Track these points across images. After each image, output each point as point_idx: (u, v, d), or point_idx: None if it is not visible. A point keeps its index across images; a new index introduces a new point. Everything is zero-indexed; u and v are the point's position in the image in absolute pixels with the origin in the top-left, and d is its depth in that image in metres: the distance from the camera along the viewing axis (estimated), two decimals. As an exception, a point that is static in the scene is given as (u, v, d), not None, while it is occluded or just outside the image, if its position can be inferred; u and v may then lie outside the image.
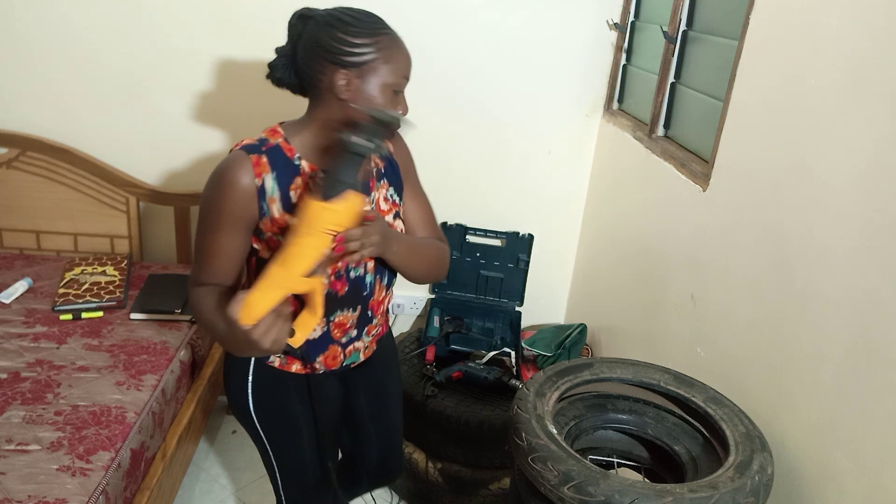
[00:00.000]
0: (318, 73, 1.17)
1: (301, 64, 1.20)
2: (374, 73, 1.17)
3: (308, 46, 1.18)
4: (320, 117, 1.21)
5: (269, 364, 1.35)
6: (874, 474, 1.04)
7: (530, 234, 2.46)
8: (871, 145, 1.07)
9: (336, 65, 1.15)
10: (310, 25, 1.18)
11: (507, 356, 2.20)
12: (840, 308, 1.13)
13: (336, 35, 1.15)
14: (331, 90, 1.17)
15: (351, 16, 1.17)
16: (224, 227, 1.19)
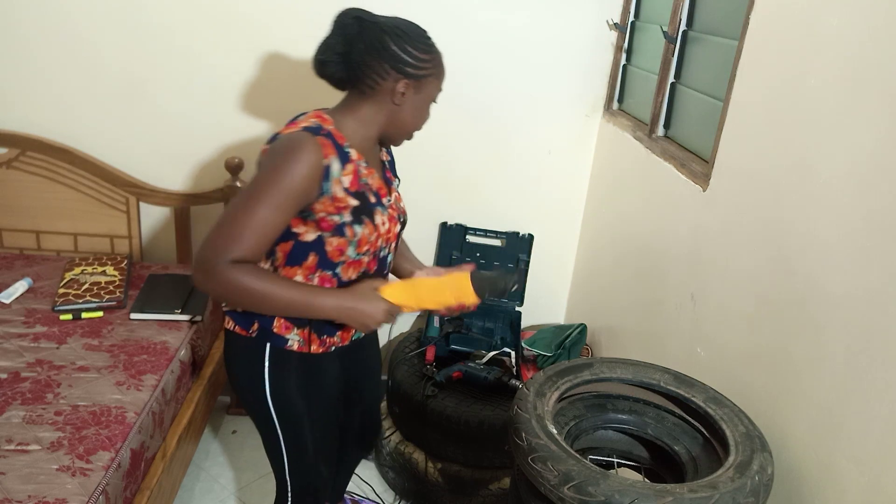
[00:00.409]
0: (378, 77, 1.26)
1: (358, 63, 1.26)
2: (427, 87, 1.31)
3: (372, 50, 1.24)
4: (366, 113, 1.31)
5: (288, 348, 1.38)
6: (874, 474, 1.04)
7: (530, 234, 2.46)
8: (870, 145, 1.07)
9: (400, 73, 1.26)
10: (373, 30, 1.25)
11: (507, 356, 2.20)
12: (840, 308, 1.13)
13: (405, 47, 1.25)
14: (386, 94, 1.28)
15: (416, 31, 1.28)
16: (282, 202, 1.20)
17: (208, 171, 2.37)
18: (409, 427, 2.14)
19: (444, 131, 2.37)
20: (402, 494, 2.21)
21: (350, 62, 1.27)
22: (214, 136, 2.33)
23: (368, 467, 2.34)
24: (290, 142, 1.22)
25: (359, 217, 1.30)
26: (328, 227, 1.27)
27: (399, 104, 1.29)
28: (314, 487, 1.55)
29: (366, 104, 1.30)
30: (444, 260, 2.48)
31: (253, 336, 1.37)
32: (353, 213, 1.29)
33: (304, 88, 2.28)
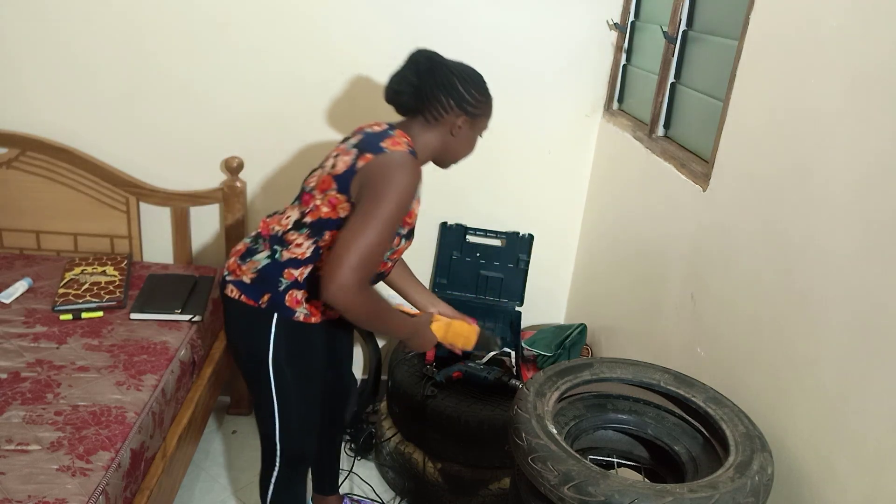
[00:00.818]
0: (444, 110, 1.46)
1: (427, 96, 1.45)
2: (478, 125, 1.54)
3: (442, 87, 1.45)
4: (428, 139, 1.50)
5: (295, 319, 1.50)
6: (874, 474, 1.04)
7: (530, 234, 2.46)
8: (871, 145, 1.07)
9: (461, 110, 1.47)
10: (443, 71, 1.46)
11: (507, 356, 2.20)
12: (840, 308, 1.13)
13: (469, 88, 1.47)
14: (446, 125, 1.48)
15: (474, 75, 1.50)
16: (398, 220, 1.36)
17: (208, 171, 2.37)
18: (409, 427, 2.14)
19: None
20: (402, 494, 2.21)
21: (420, 94, 1.46)
22: (214, 136, 2.33)
23: (368, 467, 2.34)
24: (403, 164, 1.36)
25: (410, 232, 1.54)
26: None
27: (455, 136, 1.50)
28: (303, 454, 1.69)
29: (428, 132, 1.49)
30: (445, 260, 2.48)
31: (262, 307, 1.48)
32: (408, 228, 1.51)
33: (303, 88, 2.29)
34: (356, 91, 2.30)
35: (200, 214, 2.42)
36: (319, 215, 1.43)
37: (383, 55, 2.24)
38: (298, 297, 1.49)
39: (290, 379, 1.55)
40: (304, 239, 1.45)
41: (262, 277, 1.48)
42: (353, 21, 2.22)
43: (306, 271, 1.47)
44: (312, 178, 1.48)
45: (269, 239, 1.50)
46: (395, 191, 1.33)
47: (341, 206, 1.40)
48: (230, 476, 2.28)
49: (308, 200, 1.46)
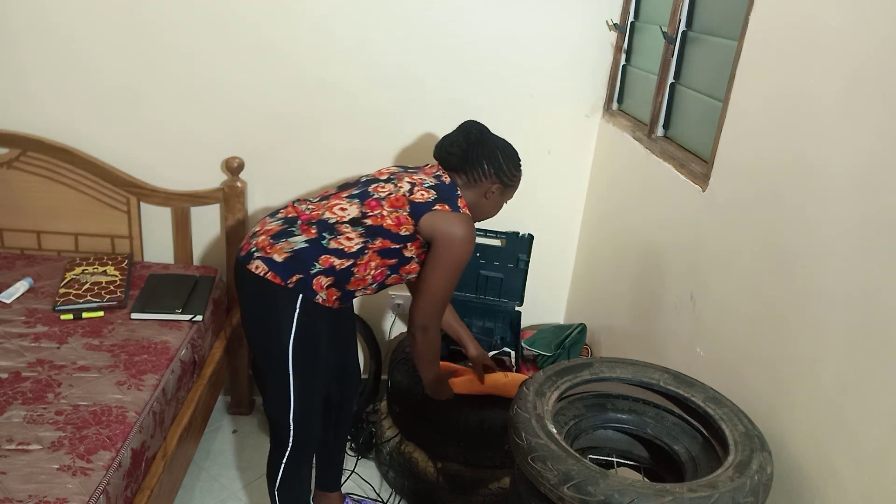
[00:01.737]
0: (483, 175, 1.68)
1: (473, 160, 1.67)
2: (507, 194, 1.75)
3: (486, 156, 1.67)
4: (467, 196, 1.69)
5: (316, 301, 1.60)
6: (874, 474, 1.04)
7: (530, 234, 2.46)
8: (870, 145, 1.08)
9: (498, 179, 1.69)
10: (490, 143, 1.68)
11: (507, 356, 2.20)
12: (840, 308, 1.13)
13: (508, 163, 1.69)
14: (482, 188, 1.69)
15: (514, 153, 1.72)
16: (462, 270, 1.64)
17: (208, 171, 2.37)
18: (409, 427, 2.14)
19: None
20: (402, 494, 2.21)
21: (467, 158, 1.67)
22: (214, 136, 2.34)
23: (368, 467, 2.35)
24: (471, 230, 1.61)
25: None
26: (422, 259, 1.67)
27: (487, 199, 1.71)
28: (312, 436, 1.76)
29: (467, 191, 1.69)
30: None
31: (289, 286, 1.57)
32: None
33: (304, 89, 2.29)
34: (357, 91, 2.30)
35: (201, 214, 2.43)
36: (382, 224, 1.59)
37: (384, 55, 2.26)
38: (323, 283, 1.59)
39: (305, 360, 1.63)
40: (356, 236, 1.58)
41: (296, 258, 1.56)
42: (354, 21, 2.22)
43: (346, 263, 1.58)
44: (382, 189, 1.63)
45: (315, 224, 1.60)
46: (465, 249, 1.61)
47: (405, 227, 1.59)
48: (231, 475, 2.29)
49: (374, 206, 1.60)
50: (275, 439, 1.75)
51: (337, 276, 1.59)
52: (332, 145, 2.37)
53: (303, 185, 2.40)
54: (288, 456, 1.72)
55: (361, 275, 1.61)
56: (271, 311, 1.60)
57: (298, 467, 1.77)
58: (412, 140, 2.37)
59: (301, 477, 1.80)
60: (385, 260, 1.62)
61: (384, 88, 2.29)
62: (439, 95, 2.31)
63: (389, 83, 2.29)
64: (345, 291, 1.63)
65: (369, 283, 1.65)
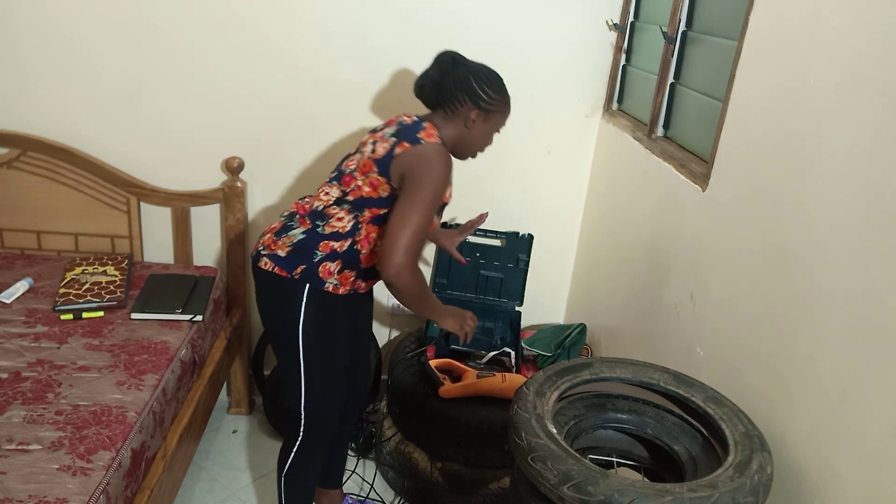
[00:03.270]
0: (459, 104, 1.61)
1: (447, 91, 1.61)
2: (493, 120, 1.65)
3: (458, 83, 1.60)
4: (447, 131, 1.63)
5: (325, 289, 1.62)
6: (874, 474, 1.04)
7: (530, 234, 2.47)
8: (870, 145, 1.08)
9: (475, 105, 1.61)
10: (462, 69, 1.62)
11: (507, 356, 2.20)
12: (840, 308, 1.13)
13: (482, 86, 1.61)
14: (461, 118, 1.62)
15: (491, 75, 1.63)
16: (435, 203, 1.53)
17: (208, 171, 2.37)
18: (409, 427, 2.15)
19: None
20: (402, 494, 2.21)
21: (440, 89, 1.62)
22: (214, 136, 2.34)
23: (368, 467, 2.35)
24: (438, 154, 1.53)
25: (440, 210, 1.68)
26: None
27: (469, 128, 1.63)
28: (324, 426, 1.77)
29: (448, 124, 1.63)
30: (445, 260, 2.48)
31: (296, 278, 1.60)
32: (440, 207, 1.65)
33: (304, 89, 2.29)
34: (357, 91, 2.30)
35: (201, 214, 2.42)
36: (361, 194, 1.57)
37: (384, 55, 2.25)
38: (331, 269, 1.61)
39: (317, 349, 1.66)
40: (345, 213, 1.59)
41: (298, 250, 1.60)
42: (353, 20, 2.22)
43: (346, 244, 1.60)
44: (352, 162, 1.61)
45: (308, 215, 1.63)
46: (434, 178, 1.51)
47: (382, 188, 1.56)
48: (231, 475, 2.29)
49: (349, 181, 1.59)
50: (288, 429, 1.79)
51: (344, 259, 1.61)
52: (333, 145, 2.37)
53: (303, 185, 2.40)
54: (298, 446, 1.75)
55: (368, 249, 1.62)
56: (281, 303, 1.64)
57: (308, 459, 1.79)
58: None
59: (309, 469, 1.83)
60: (381, 227, 1.60)
61: (385, 88, 2.29)
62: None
63: (390, 83, 2.29)
64: (361, 270, 1.64)
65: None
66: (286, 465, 1.78)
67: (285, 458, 1.79)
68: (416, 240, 1.50)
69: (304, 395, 1.70)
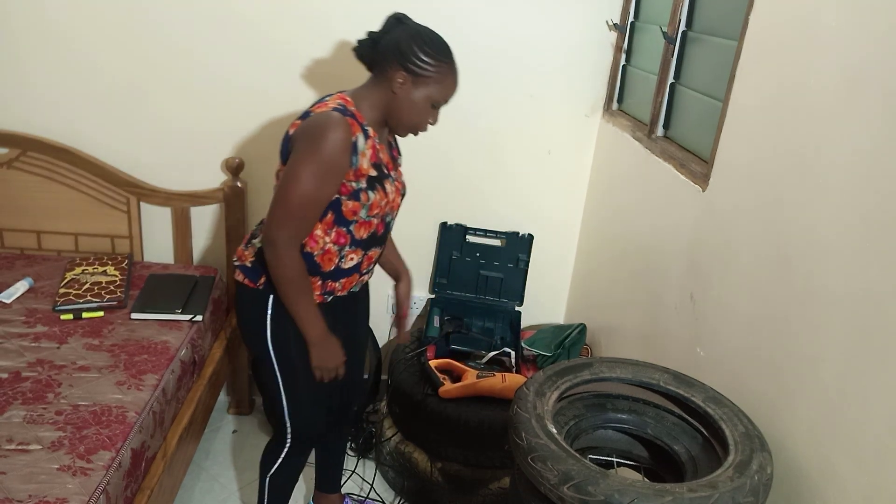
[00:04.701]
0: (388, 65, 1.46)
1: (380, 51, 1.47)
2: (425, 87, 1.48)
3: (391, 42, 1.46)
4: (375, 97, 1.50)
5: None
6: (874, 474, 1.04)
7: (530, 234, 2.47)
8: (870, 145, 1.08)
9: (401, 66, 1.45)
10: (400, 28, 1.47)
11: (507, 356, 2.20)
12: (840, 307, 1.13)
13: (412, 46, 1.44)
14: (388, 80, 1.47)
15: (430, 37, 1.47)
16: (329, 177, 1.42)
17: (208, 171, 2.37)
18: (409, 427, 2.15)
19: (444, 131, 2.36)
20: (402, 494, 2.21)
21: (376, 49, 1.48)
22: (214, 136, 2.34)
23: (368, 467, 2.35)
24: (324, 121, 1.41)
25: (373, 184, 1.50)
26: (346, 192, 1.47)
27: (397, 93, 1.47)
28: (313, 433, 1.75)
29: (376, 89, 1.50)
30: (445, 260, 2.48)
31: (260, 288, 1.56)
32: (368, 182, 1.49)
33: (302, 88, 2.29)
34: (356, 91, 2.30)
35: (201, 214, 2.42)
36: None
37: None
38: None
39: (294, 358, 1.60)
40: None
41: (260, 259, 1.54)
42: (354, 20, 2.21)
43: (306, 251, 1.52)
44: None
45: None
46: (312, 147, 1.40)
47: None
48: (231, 475, 2.29)
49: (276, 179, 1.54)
50: (276, 434, 1.77)
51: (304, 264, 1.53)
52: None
53: (303, 185, 2.40)
54: (286, 452, 1.74)
55: (320, 249, 1.52)
56: (250, 314, 1.60)
57: (295, 460, 1.79)
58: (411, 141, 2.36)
59: (295, 469, 1.82)
60: (324, 221, 1.50)
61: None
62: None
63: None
64: (325, 274, 1.55)
65: (339, 251, 1.53)
66: (272, 468, 1.76)
67: (272, 462, 1.76)
68: (291, 213, 1.42)
69: (287, 406, 1.66)
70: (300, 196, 1.41)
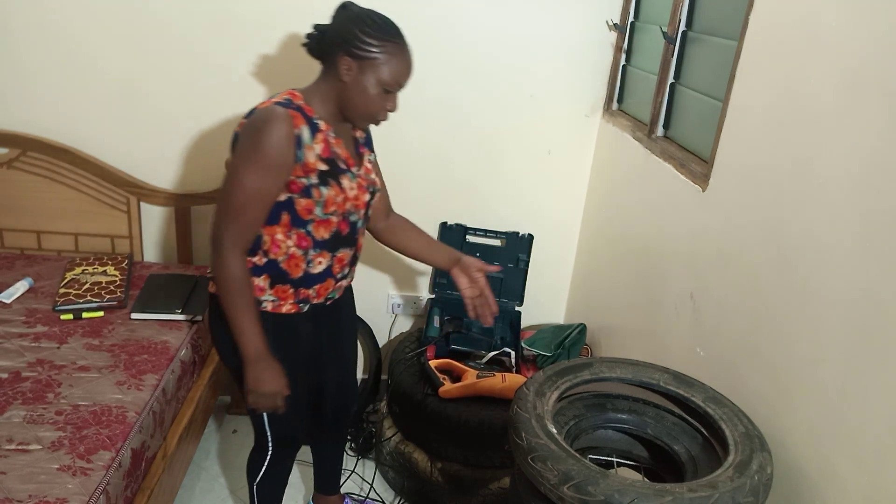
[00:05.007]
0: (333, 54, 1.41)
1: (326, 42, 1.42)
2: (371, 71, 1.40)
3: (334, 30, 1.41)
4: (326, 89, 1.45)
5: (262, 309, 1.50)
6: (874, 474, 1.04)
7: (530, 234, 2.47)
8: (870, 145, 1.08)
9: (345, 52, 1.38)
10: (342, 15, 1.42)
11: (507, 356, 2.20)
12: (839, 307, 1.13)
13: (354, 30, 1.38)
14: (335, 67, 1.41)
15: (373, 19, 1.40)
16: (269, 173, 1.37)
17: (208, 171, 2.37)
18: (409, 427, 2.15)
19: (444, 131, 2.37)
20: (402, 494, 2.21)
21: (323, 41, 1.44)
22: (214, 136, 2.34)
23: (368, 467, 2.35)
24: (264, 116, 1.36)
25: (325, 180, 1.44)
26: (297, 189, 1.41)
27: (346, 81, 1.41)
28: (292, 439, 1.73)
29: (326, 81, 1.45)
30: (444, 260, 2.48)
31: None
32: (319, 177, 1.43)
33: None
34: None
35: (201, 215, 2.42)
36: None
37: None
38: (261, 285, 1.49)
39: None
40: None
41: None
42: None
43: (261, 253, 1.48)
44: None
45: None
46: (251, 143, 1.36)
47: None
48: (231, 475, 2.29)
49: None
50: (256, 443, 1.71)
51: (268, 271, 1.48)
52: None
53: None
54: (269, 460, 1.70)
55: (283, 254, 1.47)
56: (218, 326, 1.53)
57: (280, 467, 1.76)
58: (410, 141, 2.36)
59: (281, 475, 1.80)
60: (281, 224, 1.44)
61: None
62: (438, 95, 2.31)
63: (389, 83, 2.29)
64: (295, 281, 1.49)
65: (304, 255, 1.48)
66: (258, 476, 1.73)
67: (256, 470, 1.73)
68: (232, 212, 1.37)
69: (267, 418, 1.62)
70: (240, 193, 1.36)
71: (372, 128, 2.19)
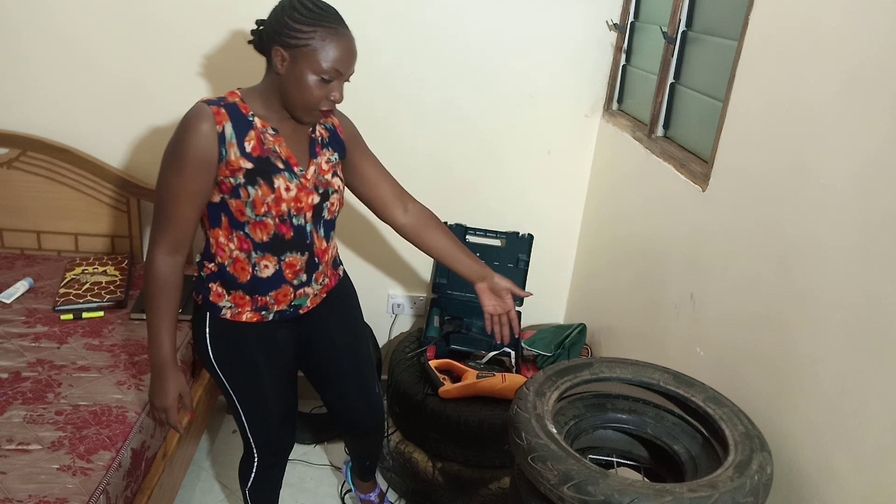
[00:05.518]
0: (268, 48, 1.35)
1: (263, 37, 1.37)
2: (305, 58, 1.32)
3: (268, 22, 1.35)
4: (266, 85, 1.41)
5: (222, 316, 1.50)
6: (874, 474, 1.04)
7: (530, 234, 2.47)
8: (870, 145, 1.08)
9: (276, 42, 1.33)
10: (277, 5, 1.35)
11: (507, 356, 2.20)
12: (839, 308, 1.13)
13: (283, 18, 1.31)
14: (273, 62, 1.36)
15: (303, 5, 1.32)
16: (189, 170, 1.33)
17: (209, 172, 2.37)
18: (410, 427, 2.15)
19: (444, 132, 2.37)
20: (402, 494, 2.21)
21: (262, 35, 1.38)
22: (215, 136, 2.34)
23: (368, 467, 2.35)
24: (183, 117, 1.36)
25: (253, 179, 1.38)
26: (226, 189, 1.38)
27: (281, 73, 1.35)
28: (276, 446, 1.70)
29: (268, 76, 1.40)
30: (444, 260, 2.48)
31: (199, 303, 1.52)
32: (245, 176, 1.37)
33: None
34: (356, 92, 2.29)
35: (201, 214, 2.42)
36: None
37: (384, 56, 2.25)
38: (219, 291, 1.48)
39: (238, 376, 1.56)
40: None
41: (201, 273, 1.52)
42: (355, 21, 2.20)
43: (213, 257, 1.47)
44: None
45: None
46: (173, 141, 1.35)
47: None
48: (231, 475, 2.28)
49: None
50: (245, 448, 1.71)
51: (220, 277, 1.47)
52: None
53: (303, 185, 2.40)
54: (257, 467, 1.70)
55: (228, 257, 1.44)
56: (196, 333, 1.55)
57: (269, 472, 1.74)
58: (410, 141, 2.37)
59: (271, 480, 1.78)
60: (223, 227, 1.42)
61: (383, 89, 2.29)
62: (438, 96, 2.31)
63: (388, 84, 2.29)
64: (245, 286, 1.46)
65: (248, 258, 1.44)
66: (248, 482, 1.73)
67: (246, 476, 1.73)
68: (161, 212, 1.36)
69: (246, 423, 1.61)
70: (163, 191, 1.35)
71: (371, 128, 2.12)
